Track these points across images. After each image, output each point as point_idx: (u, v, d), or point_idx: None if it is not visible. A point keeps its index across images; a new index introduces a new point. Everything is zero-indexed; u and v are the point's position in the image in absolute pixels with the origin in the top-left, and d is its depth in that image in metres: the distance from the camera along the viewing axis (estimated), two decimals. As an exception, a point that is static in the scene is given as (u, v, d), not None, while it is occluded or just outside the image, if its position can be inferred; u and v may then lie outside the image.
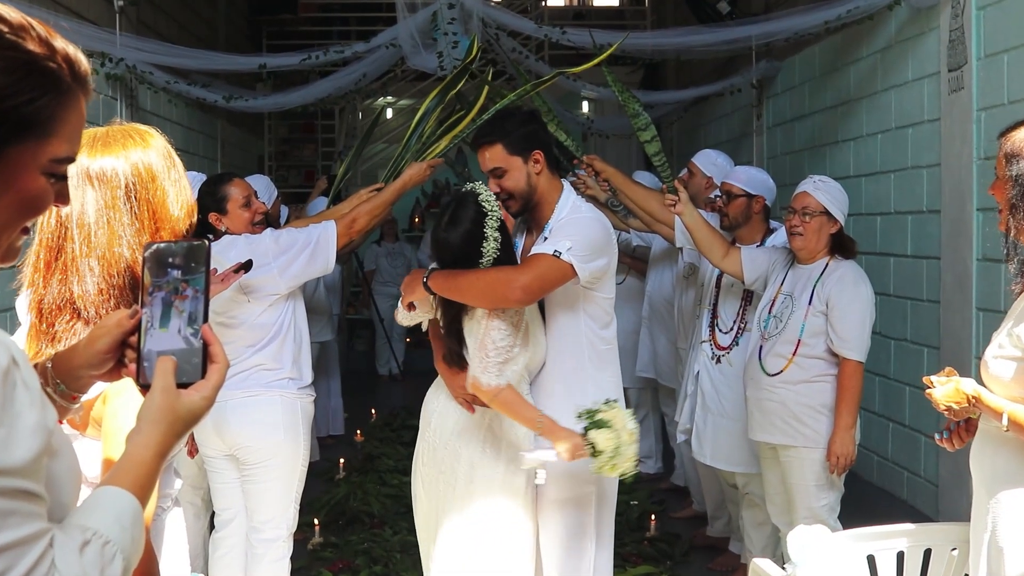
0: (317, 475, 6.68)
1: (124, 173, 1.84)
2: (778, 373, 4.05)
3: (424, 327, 3.47)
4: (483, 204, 3.10)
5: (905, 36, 5.95)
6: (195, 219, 1.93)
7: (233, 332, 3.84)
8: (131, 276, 1.81)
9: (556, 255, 3.09)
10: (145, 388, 1.39)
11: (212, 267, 3.55)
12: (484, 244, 3.07)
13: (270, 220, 5.27)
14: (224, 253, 3.79)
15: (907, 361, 5.93)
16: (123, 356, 1.50)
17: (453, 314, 3.18)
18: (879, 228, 6.20)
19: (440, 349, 3.29)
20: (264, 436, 3.84)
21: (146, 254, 1.44)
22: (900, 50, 6.02)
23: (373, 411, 8.50)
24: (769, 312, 4.16)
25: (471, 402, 3.20)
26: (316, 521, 5.41)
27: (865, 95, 6.53)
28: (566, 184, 3.40)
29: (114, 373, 1.53)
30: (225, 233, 3.91)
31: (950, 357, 5.43)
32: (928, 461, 5.76)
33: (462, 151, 12.41)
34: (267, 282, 3.82)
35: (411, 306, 3.32)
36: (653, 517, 5.47)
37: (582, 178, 5.31)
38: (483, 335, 3.09)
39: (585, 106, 12.25)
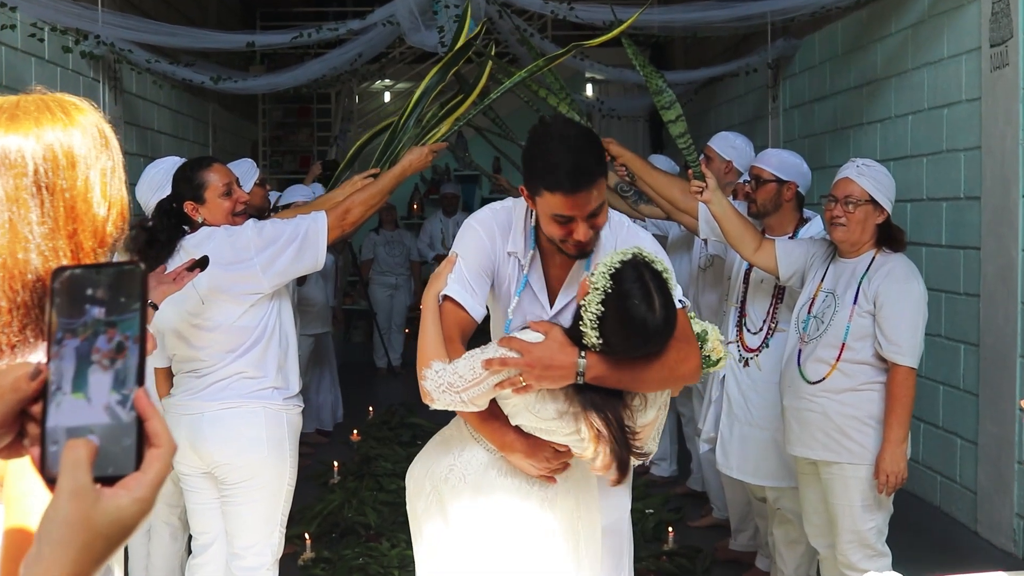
0: (310, 479, 6.31)
1: (34, 156, 1.39)
2: (820, 381, 3.63)
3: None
4: (664, 272, 2.46)
5: (940, 9, 5.55)
6: (127, 227, 1.47)
7: (210, 336, 3.43)
8: (43, 292, 1.36)
9: (684, 305, 2.63)
10: (52, 482, 0.94)
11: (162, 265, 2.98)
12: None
13: (256, 210, 4.88)
14: (201, 247, 3.39)
15: (942, 358, 5.54)
16: (24, 427, 1.03)
17: (611, 408, 2.49)
18: (909, 215, 5.81)
19: (525, 446, 2.59)
20: (245, 452, 3.42)
21: (54, 284, 1.00)
22: (935, 24, 5.62)
23: (371, 408, 8.08)
24: (808, 312, 3.74)
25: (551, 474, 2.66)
26: (307, 535, 5.00)
27: (894, 74, 6.14)
28: None
29: (12, 450, 1.06)
30: (202, 224, 3.50)
31: (992, 354, 5.06)
32: (965, 466, 5.38)
33: (462, 135, 12.03)
34: (248, 279, 3.40)
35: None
36: (671, 528, 5.06)
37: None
38: (658, 421, 2.61)
39: (589, 88, 11.81)
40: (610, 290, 2.36)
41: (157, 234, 3.44)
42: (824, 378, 3.62)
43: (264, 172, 12.10)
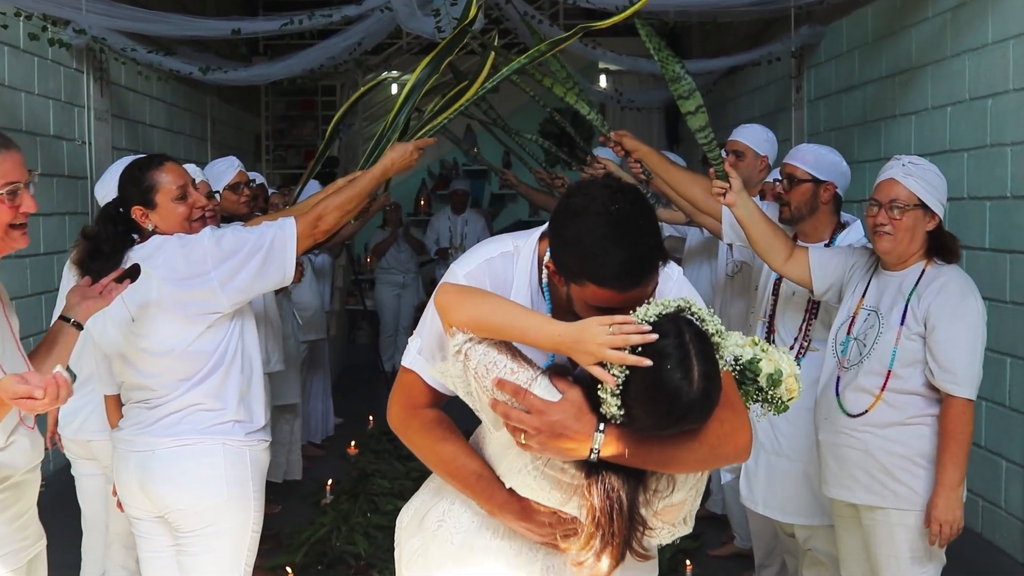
0: (302, 497, 5.94)
1: None
2: (862, 414, 3.16)
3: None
4: (716, 336, 1.98)
5: (984, -10, 5.08)
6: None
7: (161, 362, 3.00)
8: None
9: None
10: None
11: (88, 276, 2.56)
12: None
13: (230, 215, 4.47)
14: (151, 259, 2.97)
15: (986, 372, 4.94)
16: None
17: (623, 489, 2.02)
18: (947, 215, 5.31)
19: (518, 509, 2.16)
20: (202, 496, 2.99)
21: None
22: (977, 7, 5.15)
23: (371, 418, 7.65)
24: (848, 333, 3.27)
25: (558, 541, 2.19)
26: (290, 568, 4.57)
27: (930, 62, 5.66)
28: None
29: None
30: (153, 233, 3.07)
31: (1043, 370, 4.60)
32: (1012, 491, 4.92)
33: (471, 128, 11.61)
34: (205, 297, 2.97)
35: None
36: (689, 562, 4.61)
37: (603, 161, 4.50)
38: (687, 504, 2.13)
39: (603, 80, 11.36)
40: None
41: (100, 244, 3.01)
42: (867, 410, 3.16)
43: (267, 167, 11.78)
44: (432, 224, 10.93)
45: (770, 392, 2.25)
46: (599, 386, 1.92)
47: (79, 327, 2.70)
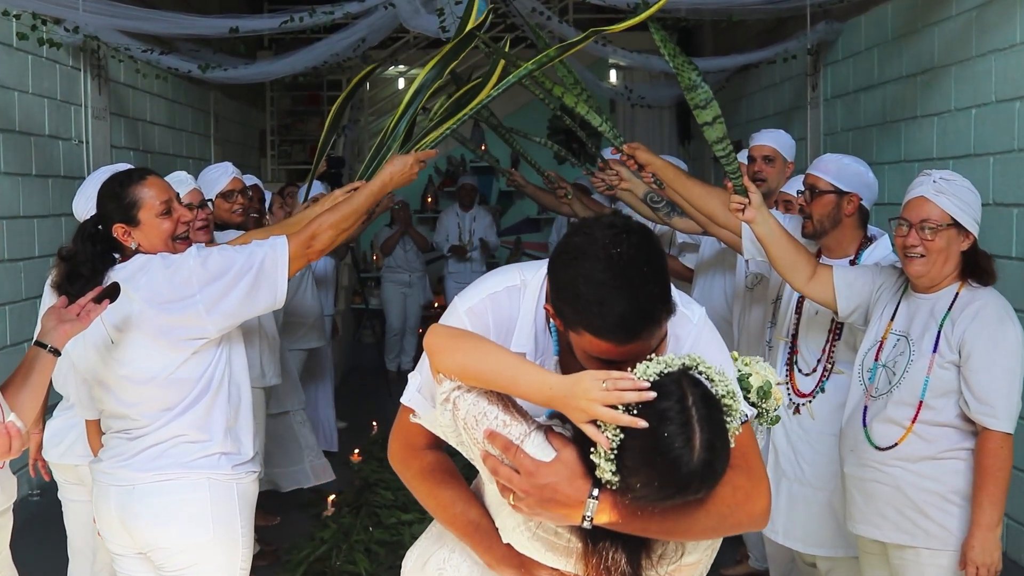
0: (304, 507, 5.78)
1: None
2: (891, 447, 2.96)
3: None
4: (726, 397, 1.78)
5: (1012, -13, 4.87)
6: None
7: (142, 390, 2.81)
8: None
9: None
10: None
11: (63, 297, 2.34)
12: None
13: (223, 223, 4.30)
14: (133, 280, 2.79)
15: (1012, 387, 4.87)
16: None
17: (624, 552, 1.83)
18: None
19: (517, 564, 1.99)
20: (186, 534, 2.81)
21: None
22: (1004, 5, 4.96)
23: (374, 423, 7.47)
24: (876, 359, 3.07)
25: None
26: (287, 591, 4.41)
27: (954, 62, 5.47)
28: None
29: None
30: (137, 252, 2.88)
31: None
32: (1040, 512, 4.73)
33: (479, 126, 11.41)
34: (190, 322, 2.79)
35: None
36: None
37: (615, 167, 4.30)
38: (702, 563, 1.96)
39: (613, 75, 11.15)
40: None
41: (79, 265, 2.82)
42: (896, 443, 2.95)
43: (272, 163, 11.57)
44: (441, 221, 10.73)
45: (762, 406, 2.12)
46: (592, 448, 1.73)
47: (56, 353, 2.53)
